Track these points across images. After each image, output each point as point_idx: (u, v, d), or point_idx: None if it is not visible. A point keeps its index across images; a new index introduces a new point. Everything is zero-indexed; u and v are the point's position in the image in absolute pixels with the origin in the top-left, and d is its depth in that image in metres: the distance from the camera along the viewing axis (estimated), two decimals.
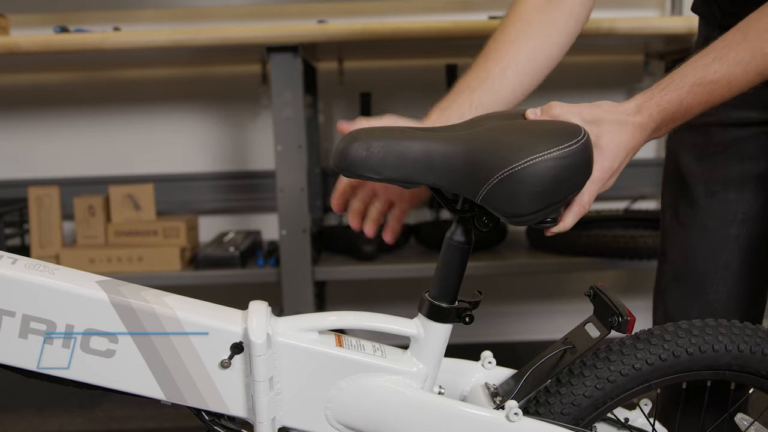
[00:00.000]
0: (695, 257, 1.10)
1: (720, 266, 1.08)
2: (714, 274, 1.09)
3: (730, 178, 1.07)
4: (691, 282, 1.10)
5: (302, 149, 2.04)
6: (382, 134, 0.81)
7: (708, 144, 1.09)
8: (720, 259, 1.08)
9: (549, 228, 0.86)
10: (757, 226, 1.07)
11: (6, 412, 2.21)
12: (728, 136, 1.07)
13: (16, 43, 1.99)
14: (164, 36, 2.00)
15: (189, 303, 0.86)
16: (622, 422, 0.96)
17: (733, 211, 1.07)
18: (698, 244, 1.09)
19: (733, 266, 1.08)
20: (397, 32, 2.02)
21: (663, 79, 0.89)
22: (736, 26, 0.89)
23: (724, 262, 1.08)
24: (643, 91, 0.89)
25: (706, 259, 1.09)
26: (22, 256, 0.83)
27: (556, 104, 0.87)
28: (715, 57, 0.87)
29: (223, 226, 2.64)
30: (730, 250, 1.08)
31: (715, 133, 1.08)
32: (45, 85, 2.63)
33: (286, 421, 0.87)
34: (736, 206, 1.07)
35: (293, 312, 2.01)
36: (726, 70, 0.86)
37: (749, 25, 0.87)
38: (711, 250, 1.09)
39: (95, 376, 0.82)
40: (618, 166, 0.87)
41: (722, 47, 0.87)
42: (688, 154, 1.11)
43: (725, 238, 1.08)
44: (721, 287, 1.08)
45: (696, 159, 1.10)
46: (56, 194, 2.30)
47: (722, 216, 1.08)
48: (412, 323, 0.89)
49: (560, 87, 2.52)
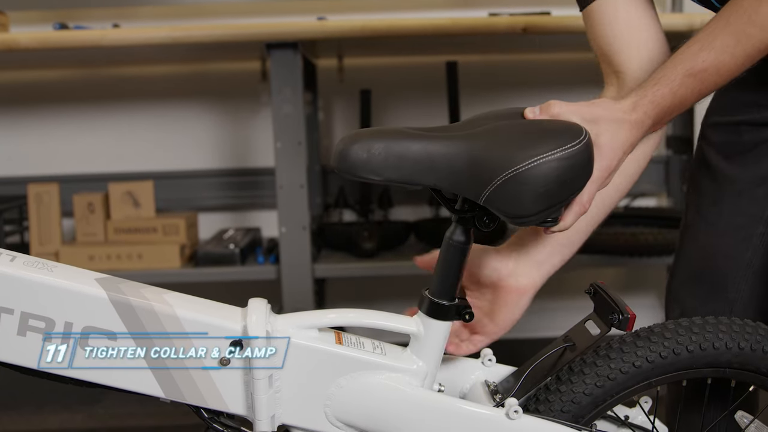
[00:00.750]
0: (718, 255, 1.09)
1: (743, 264, 1.07)
2: (736, 272, 1.08)
3: (759, 175, 1.06)
4: (712, 281, 1.09)
5: (302, 146, 2.04)
6: (383, 135, 0.81)
7: (738, 143, 1.08)
8: (744, 258, 1.07)
9: (549, 228, 0.86)
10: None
11: (5, 410, 2.21)
12: (760, 136, 1.06)
13: (15, 40, 1.98)
14: (163, 33, 1.99)
15: (188, 300, 0.85)
16: (622, 420, 0.96)
17: (761, 208, 1.06)
18: (723, 241, 1.08)
19: (755, 265, 1.07)
20: (396, 29, 2.02)
21: (655, 73, 0.89)
22: (719, 13, 0.89)
23: (747, 261, 1.07)
24: (639, 86, 0.89)
25: (730, 258, 1.08)
26: (21, 254, 0.82)
27: (554, 103, 0.87)
28: (702, 46, 0.87)
29: (222, 224, 2.63)
30: (755, 248, 1.07)
31: (746, 132, 1.07)
32: (44, 82, 2.62)
33: (285, 418, 0.87)
34: (764, 203, 1.06)
35: (293, 309, 2.01)
36: (714, 57, 0.86)
37: (730, 9, 0.87)
38: (736, 248, 1.08)
39: (94, 374, 0.82)
40: (616, 165, 0.87)
41: (707, 35, 0.87)
42: (717, 153, 1.11)
43: (751, 236, 1.07)
44: (743, 286, 1.07)
45: (725, 158, 1.09)
46: (56, 191, 2.30)
47: (750, 214, 1.07)
48: (411, 321, 0.89)
49: (560, 84, 2.52)
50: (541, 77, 2.63)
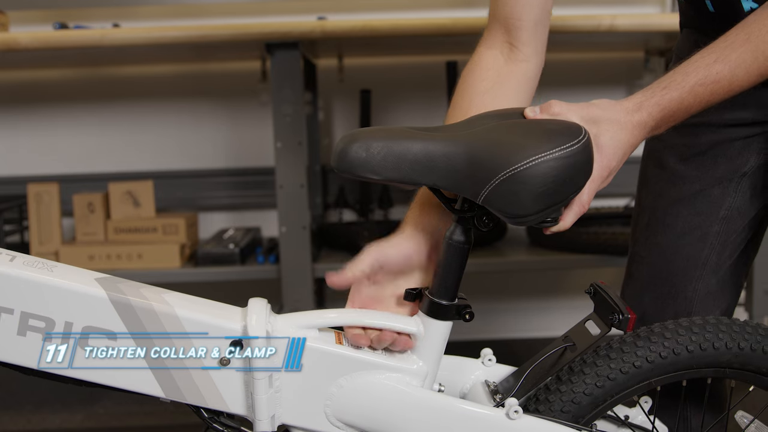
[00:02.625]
0: (677, 256, 1.09)
1: (700, 263, 1.08)
2: (693, 271, 1.08)
3: (715, 176, 1.07)
4: (671, 281, 1.09)
5: (302, 146, 2.04)
6: (382, 135, 0.81)
7: (694, 144, 1.09)
8: (701, 256, 1.08)
9: (549, 227, 0.86)
10: (736, 221, 1.08)
11: (5, 410, 2.21)
12: (718, 137, 1.07)
13: (15, 40, 1.98)
14: (163, 32, 2.00)
15: (188, 300, 0.85)
16: (622, 420, 0.96)
17: (717, 207, 1.08)
18: (682, 242, 1.09)
19: (711, 262, 1.08)
20: (397, 29, 2.02)
21: (664, 77, 0.89)
22: (739, 25, 0.88)
23: (703, 259, 1.08)
24: (643, 88, 0.89)
25: (688, 258, 1.08)
26: (21, 253, 0.82)
27: (555, 103, 0.87)
28: (717, 57, 0.87)
29: (222, 223, 2.63)
30: (711, 246, 1.08)
31: (704, 134, 1.08)
32: (44, 81, 2.62)
33: (285, 418, 0.87)
34: (720, 203, 1.07)
35: (293, 309, 2.01)
36: (729, 71, 0.86)
37: (751, 26, 0.87)
38: (693, 247, 1.08)
39: (94, 374, 0.82)
40: (616, 165, 0.87)
41: (724, 47, 0.87)
42: (673, 154, 1.11)
43: (707, 235, 1.08)
44: (699, 284, 1.08)
45: (681, 159, 1.10)
46: (55, 191, 2.30)
47: (707, 213, 1.08)
48: (412, 321, 0.89)
49: (561, 84, 2.52)
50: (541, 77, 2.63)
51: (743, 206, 1.08)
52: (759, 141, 1.05)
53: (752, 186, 1.07)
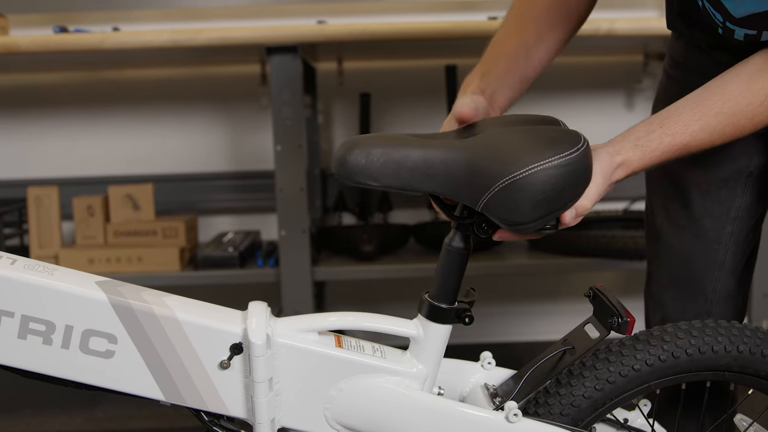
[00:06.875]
0: (693, 258, 1.11)
1: (717, 264, 1.10)
2: (711, 273, 1.10)
3: (721, 177, 1.08)
4: (690, 283, 1.11)
5: (302, 149, 2.04)
6: (382, 142, 0.81)
7: None
8: (717, 258, 1.09)
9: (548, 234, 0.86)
10: (746, 221, 1.10)
11: (4, 413, 2.21)
12: None
13: (15, 43, 1.99)
14: (163, 36, 2.00)
15: (188, 303, 0.86)
16: (621, 423, 0.96)
17: (726, 207, 1.09)
18: (697, 244, 1.10)
19: (727, 263, 1.10)
20: (396, 32, 2.02)
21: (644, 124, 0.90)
22: (718, 84, 0.89)
23: (720, 260, 1.09)
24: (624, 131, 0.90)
25: (704, 259, 1.10)
26: (21, 257, 0.83)
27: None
28: (699, 117, 0.88)
29: (222, 227, 2.63)
30: (726, 247, 1.09)
31: None
32: (44, 85, 2.62)
33: (285, 421, 0.87)
34: (729, 203, 1.09)
35: (292, 312, 2.01)
36: (708, 138, 0.89)
37: (731, 89, 0.88)
38: (709, 249, 1.10)
39: (94, 377, 0.82)
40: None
41: (707, 108, 0.88)
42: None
43: (721, 236, 1.10)
44: (718, 285, 1.10)
45: (685, 162, 1.11)
46: (55, 194, 2.30)
47: (718, 214, 1.09)
48: (411, 324, 0.89)
49: (560, 88, 2.53)
50: (541, 81, 2.62)
51: (752, 206, 1.09)
52: (759, 140, 1.06)
53: (759, 185, 1.08)
